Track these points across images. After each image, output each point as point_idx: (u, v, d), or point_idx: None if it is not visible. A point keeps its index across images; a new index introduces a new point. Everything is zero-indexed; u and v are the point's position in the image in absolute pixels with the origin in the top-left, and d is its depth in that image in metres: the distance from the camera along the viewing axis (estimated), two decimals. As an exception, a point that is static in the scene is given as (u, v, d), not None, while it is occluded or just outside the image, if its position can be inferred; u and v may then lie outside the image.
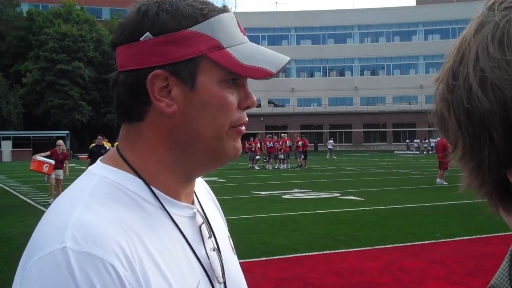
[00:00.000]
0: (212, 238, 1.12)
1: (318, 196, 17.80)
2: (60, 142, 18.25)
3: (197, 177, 1.12)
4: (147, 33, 1.00)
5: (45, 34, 64.86)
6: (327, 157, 53.41)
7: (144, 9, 1.02)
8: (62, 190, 16.83)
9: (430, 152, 62.78)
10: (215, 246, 1.12)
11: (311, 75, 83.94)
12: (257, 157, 35.74)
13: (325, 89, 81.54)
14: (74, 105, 64.12)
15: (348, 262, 8.52)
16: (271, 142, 35.67)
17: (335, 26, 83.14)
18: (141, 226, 0.97)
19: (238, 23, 1.06)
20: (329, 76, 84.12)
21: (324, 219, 12.84)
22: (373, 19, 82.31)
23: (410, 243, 9.83)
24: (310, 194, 18.55)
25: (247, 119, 1.08)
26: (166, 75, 1.00)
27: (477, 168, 0.66)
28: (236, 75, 1.03)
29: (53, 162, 17.25)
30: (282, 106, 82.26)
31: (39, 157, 17.45)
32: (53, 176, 17.36)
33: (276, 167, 35.69)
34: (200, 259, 1.06)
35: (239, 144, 1.08)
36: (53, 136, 59.64)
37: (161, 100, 1.01)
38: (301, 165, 35.58)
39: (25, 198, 18.56)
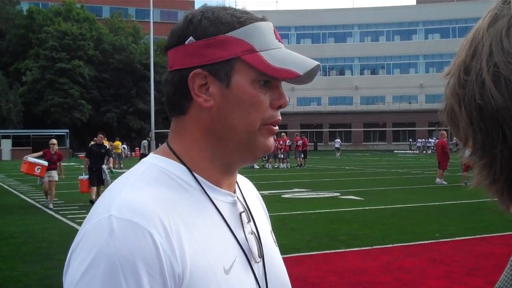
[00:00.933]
0: (251, 223, 1.24)
1: (318, 196, 17.80)
2: (54, 141, 16.55)
3: (235, 169, 1.24)
4: (191, 37, 1.15)
5: (45, 32, 64.80)
6: (337, 156, 52.99)
7: (190, 17, 1.18)
8: (56, 192, 16.58)
9: (430, 151, 62.85)
10: (254, 230, 1.23)
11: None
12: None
13: (325, 88, 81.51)
14: (74, 103, 64.06)
15: (348, 262, 8.52)
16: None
17: (335, 25, 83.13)
18: (182, 205, 1.10)
19: (274, 31, 1.19)
20: (329, 75, 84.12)
21: (324, 218, 12.84)
22: (373, 18, 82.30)
23: (410, 243, 9.83)
24: (310, 193, 18.55)
25: (280, 117, 1.20)
26: (205, 74, 1.14)
27: (489, 165, 0.64)
28: (266, 76, 1.14)
29: (45, 163, 15.81)
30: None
31: (31, 158, 16.05)
32: (46, 179, 15.89)
33: (275, 166, 35.68)
34: (239, 240, 1.17)
35: (270, 142, 1.20)
36: (53, 135, 59.59)
37: (200, 95, 1.14)
38: (301, 164, 35.58)
39: (24, 197, 18.57)
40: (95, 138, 17.12)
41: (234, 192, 1.24)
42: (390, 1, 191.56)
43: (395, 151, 69.55)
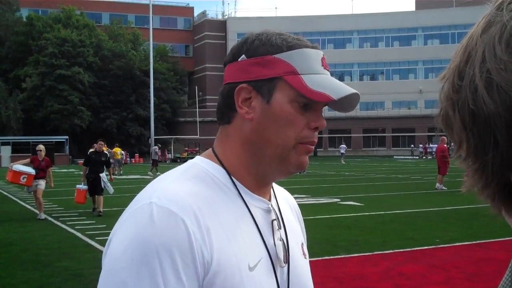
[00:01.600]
0: (282, 230, 1.32)
1: (318, 201, 17.78)
2: (41, 147, 15.31)
3: (269, 180, 1.32)
4: (243, 55, 1.26)
5: (45, 39, 64.87)
6: (342, 161, 53.53)
7: (246, 37, 1.30)
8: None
9: (430, 157, 62.84)
10: (283, 237, 1.31)
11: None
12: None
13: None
14: (74, 110, 64.08)
15: (348, 268, 8.51)
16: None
17: (334, 31, 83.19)
18: (217, 202, 1.20)
19: (322, 60, 1.30)
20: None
21: (324, 224, 12.82)
22: (373, 24, 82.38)
23: (410, 248, 9.82)
24: (310, 199, 18.52)
25: (316, 139, 1.28)
26: (250, 89, 1.25)
27: (481, 170, 0.66)
28: (303, 97, 1.22)
29: (32, 171, 14.72)
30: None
31: (17, 166, 14.94)
32: (34, 188, 14.86)
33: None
34: (267, 244, 1.25)
35: (304, 159, 1.28)
36: (52, 141, 59.58)
37: (243, 108, 1.25)
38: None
39: (24, 204, 18.54)
40: (94, 145, 16.53)
41: (269, 200, 1.33)
42: (389, 7, 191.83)
43: (394, 157, 69.51)
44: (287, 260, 1.29)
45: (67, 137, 61.75)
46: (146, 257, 1.07)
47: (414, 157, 68.20)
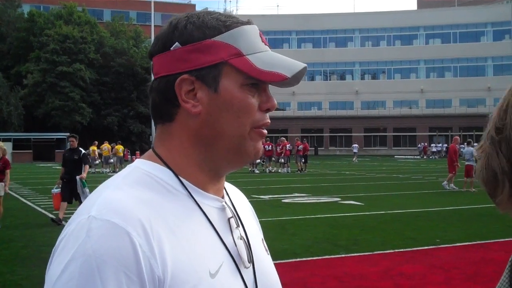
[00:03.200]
0: (240, 228, 1.21)
1: (318, 201, 17.78)
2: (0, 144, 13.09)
3: (223, 174, 1.21)
4: (176, 43, 1.13)
5: (46, 35, 64.84)
6: (354, 160, 54.16)
7: (175, 23, 1.16)
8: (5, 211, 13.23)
9: (436, 157, 62.84)
10: (243, 235, 1.20)
11: (312, 78, 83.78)
12: (258, 160, 35.64)
13: (325, 92, 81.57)
14: (75, 107, 64.06)
15: (348, 267, 8.51)
16: (269, 146, 35.61)
17: (336, 29, 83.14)
18: (166, 207, 1.09)
19: (260, 35, 1.19)
20: (329, 80, 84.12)
21: (324, 223, 12.83)
22: (374, 23, 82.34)
23: (410, 248, 9.82)
24: (310, 198, 18.53)
25: (269, 121, 1.19)
26: (192, 80, 1.13)
27: None
28: (254, 79, 1.13)
29: None
30: (282, 110, 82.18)
31: None
32: None
33: (274, 170, 35.63)
34: (227, 245, 1.14)
35: (259, 145, 1.19)
36: (53, 138, 59.63)
37: (188, 101, 1.13)
38: (301, 169, 35.54)
39: (25, 201, 18.56)
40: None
41: (223, 197, 1.22)
42: (391, 5, 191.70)
43: (395, 156, 69.47)
44: (251, 259, 1.18)
45: (68, 133, 61.67)
46: (85, 278, 0.97)
47: (416, 157, 68.12)
